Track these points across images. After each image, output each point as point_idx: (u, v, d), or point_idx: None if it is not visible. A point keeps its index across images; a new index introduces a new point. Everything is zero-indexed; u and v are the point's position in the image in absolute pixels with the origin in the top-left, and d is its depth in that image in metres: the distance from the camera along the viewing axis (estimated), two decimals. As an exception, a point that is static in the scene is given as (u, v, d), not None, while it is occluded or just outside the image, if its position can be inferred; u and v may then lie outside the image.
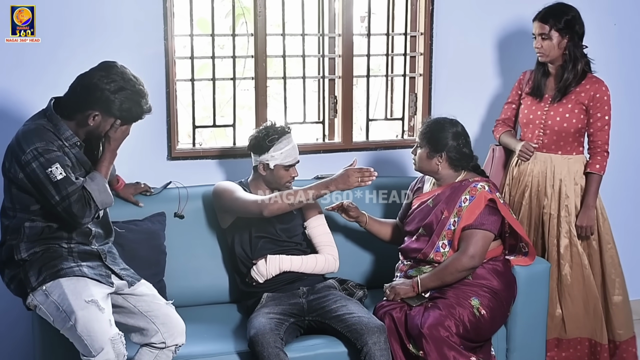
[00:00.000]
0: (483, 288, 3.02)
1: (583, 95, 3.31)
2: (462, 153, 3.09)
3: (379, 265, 3.48)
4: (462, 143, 3.09)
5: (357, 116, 3.93)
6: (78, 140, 2.63)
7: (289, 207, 2.99)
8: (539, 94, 3.39)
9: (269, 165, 3.13)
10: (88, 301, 2.51)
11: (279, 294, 3.10)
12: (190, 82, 3.53)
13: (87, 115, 2.58)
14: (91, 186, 2.55)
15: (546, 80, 3.39)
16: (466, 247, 3.00)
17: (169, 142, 3.45)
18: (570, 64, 3.30)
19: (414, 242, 3.15)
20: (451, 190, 3.09)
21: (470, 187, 3.06)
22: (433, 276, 3.04)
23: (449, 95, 3.84)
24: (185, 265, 3.26)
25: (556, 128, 3.34)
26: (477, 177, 3.12)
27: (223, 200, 3.12)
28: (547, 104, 3.36)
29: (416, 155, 3.15)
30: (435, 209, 3.10)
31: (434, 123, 3.13)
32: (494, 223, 3.04)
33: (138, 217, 3.18)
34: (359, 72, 3.81)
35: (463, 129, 3.12)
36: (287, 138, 3.15)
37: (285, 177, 3.16)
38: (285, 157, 3.13)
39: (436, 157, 3.09)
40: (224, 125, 3.67)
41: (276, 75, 3.72)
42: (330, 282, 3.18)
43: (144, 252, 3.09)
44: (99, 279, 2.61)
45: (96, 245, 2.74)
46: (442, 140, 3.08)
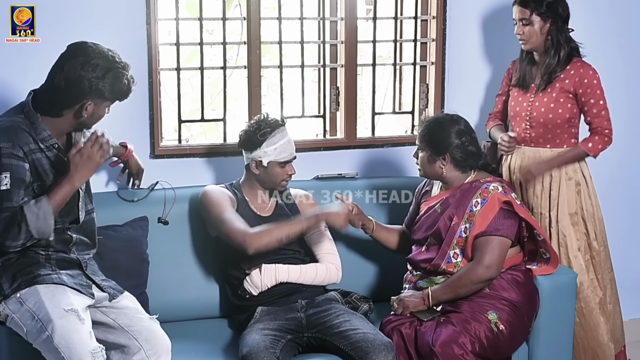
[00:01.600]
0: (501, 301, 3.02)
1: (567, 82, 3.33)
2: (468, 152, 3.08)
3: (385, 275, 3.48)
4: (467, 141, 3.08)
5: (362, 109, 3.93)
6: (56, 142, 2.65)
7: (276, 244, 3.02)
8: (525, 84, 3.42)
9: (262, 162, 3.13)
10: (67, 310, 2.52)
11: (274, 308, 3.09)
12: (175, 72, 3.52)
13: (80, 108, 2.62)
14: (31, 209, 2.54)
15: (532, 69, 3.42)
16: (481, 257, 3.00)
17: (151, 139, 3.45)
18: (553, 50, 3.32)
19: (423, 252, 3.15)
20: (460, 193, 3.09)
21: (481, 189, 3.05)
22: (446, 288, 3.03)
23: (464, 86, 3.83)
24: (170, 276, 3.26)
25: (542, 120, 3.36)
26: (488, 177, 3.11)
27: (209, 215, 3.13)
28: (532, 95, 3.39)
29: (418, 159, 3.14)
30: (443, 214, 3.10)
31: (432, 122, 3.13)
32: (511, 227, 3.03)
33: (117, 222, 3.18)
34: (363, 60, 3.80)
35: (467, 125, 3.12)
36: (281, 131, 3.15)
37: (281, 175, 3.16)
38: (280, 153, 3.12)
39: (439, 160, 3.09)
40: (214, 120, 3.67)
41: (271, 64, 3.71)
42: (332, 295, 3.18)
43: (124, 261, 3.09)
44: (79, 289, 2.62)
45: (76, 254, 2.75)
46: (444, 140, 3.07)
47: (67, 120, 2.65)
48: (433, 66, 3.84)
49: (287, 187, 3.21)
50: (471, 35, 3.82)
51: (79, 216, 2.74)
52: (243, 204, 3.19)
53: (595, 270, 3.43)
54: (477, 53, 3.83)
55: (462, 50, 3.82)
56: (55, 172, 2.65)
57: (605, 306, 3.44)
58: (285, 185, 3.19)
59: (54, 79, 2.61)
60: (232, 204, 3.15)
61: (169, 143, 3.55)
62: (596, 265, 3.44)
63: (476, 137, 3.13)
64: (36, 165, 2.60)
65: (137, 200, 3.27)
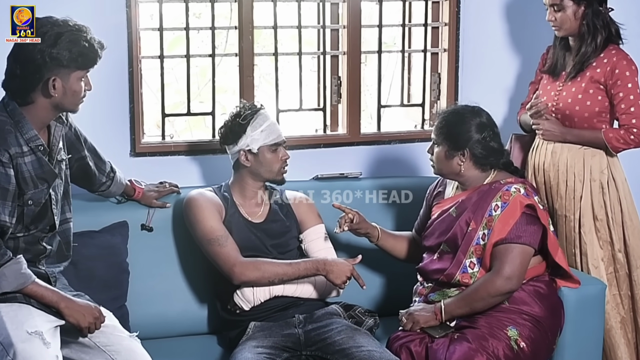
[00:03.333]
0: (522, 315, 3.01)
1: (599, 71, 3.34)
2: (490, 148, 3.08)
3: (393, 287, 3.49)
4: (489, 136, 3.08)
5: (366, 102, 3.93)
6: (42, 143, 2.67)
7: (267, 283, 3.05)
8: (556, 72, 3.43)
9: (252, 149, 3.14)
10: (31, 333, 2.52)
11: (269, 323, 3.09)
12: (158, 60, 3.52)
13: (45, 87, 2.62)
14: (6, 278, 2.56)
15: (566, 55, 3.43)
16: (500, 267, 2.99)
17: (132, 135, 3.45)
18: (589, 36, 3.33)
19: (436, 261, 3.14)
20: (478, 196, 3.08)
21: (501, 191, 3.05)
22: (460, 301, 3.03)
23: (481, 76, 3.84)
24: (153, 288, 3.26)
25: (568, 112, 3.38)
26: (510, 178, 3.11)
27: (194, 231, 3.13)
28: (561, 83, 3.41)
29: (433, 155, 3.13)
30: (459, 219, 3.09)
31: (451, 114, 3.13)
32: (534, 235, 3.03)
33: (94, 227, 3.18)
34: (368, 47, 3.81)
35: (489, 119, 3.12)
36: (263, 114, 3.18)
37: (275, 160, 3.17)
38: (268, 135, 3.15)
39: (457, 156, 3.08)
40: (202, 114, 3.67)
41: (265, 51, 3.71)
42: (333, 308, 3.18)
43: (101, 271, 3.09)
44: (44, 309, 2.62)
45: (45, 267, 2.76)
46: (463, 134, 3.07)
47: (41, 106, 2.66)
48: (445, 53, 3.84)
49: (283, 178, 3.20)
50: (489, 18, 3.83)
51: (54, 221, 2.74)
52: (232, 209, 3.19)
53: (619, 285, 3.42)
54: (496, 38, 3.85)
55: (478, 35, 3.82)
56: (36, 180, 2.66)
57: (627, 326, 3.43)
58: (284, 172, 3.19)
59: (9, 63, 2.64)
60: (220, 213, 3.15)
61: (151, 140, 3.55)
62: (620, 280, 3.43)
63: (499, 132, 3.13)
64: (17, 172, 2.62)
65: (116, 202, 3.26)
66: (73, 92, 2.67)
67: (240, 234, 3.15)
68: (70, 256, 2.88)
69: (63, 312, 2.63)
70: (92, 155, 3.01)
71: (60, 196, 2.77)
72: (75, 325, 2.63)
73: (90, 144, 3.01)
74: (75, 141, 2.91)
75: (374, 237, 3.28)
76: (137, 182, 3.27)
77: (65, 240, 2.84)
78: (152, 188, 3.30)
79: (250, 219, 3.21)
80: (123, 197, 3.26)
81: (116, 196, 3.24)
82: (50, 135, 2.74)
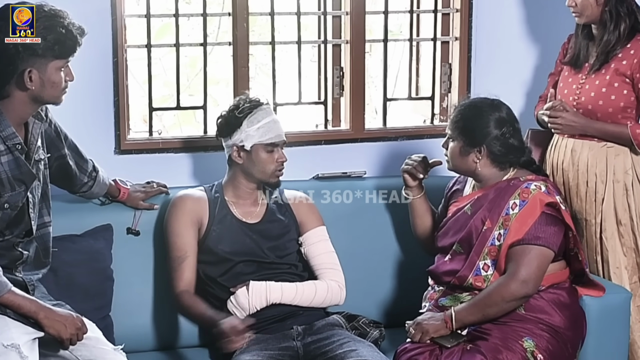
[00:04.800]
0: (540, 325, 3.01)
1: (625, 63, 3.33)
2: (509, 145, 3.09)
3: (400, 296, 3.50)
4: (509, 132, 3.08)
5: (371, 95, 3.92)
6: (19, 141, 2.66)
7: (198, 323, 3.10)
8: (578, 63, 3.43)
9: (245, 146, 3.14)
10: (7, 345, 2.52)
11: (265, 335, 3.09)
12: (146, 49, 3.52)
13: (22, 80, 2.62)
14: None
15: (589, 44, 3.43)
16: (516, 269, 3.00)
17: (117, 130, 3.45)
18: (612, 24, 3.33)
19: (448, 262, 3.15)
20: (495, 193, 3.09)
21: (520, 188, 3.06)
22: (472, 307, 3.04)
23: (495, 66, 3.85)
24: (139, 297, 3.26)
25: (590, 107, 3.37)
26: (530, 175, 3.12)
27: (165, 239, 3.17)
28: (584, 76, 3.40)
29: (448, 150, 3.14)
30: (474, 217, 3.11)
31: (468, 107, 3.14)
32: (554, 236, 3.03)
33: (76, 231, 3.18)
34: (373, 36, 3.82)
35: (509, 113, 3.12)
36: (264, 109, 3.17)
37: (269, 162, 3.16)
38: (264, 133, 3.14)
39: (473, 153, 3.09)
40: (192, 107, 3.68)
41: (262, 40, 3.71)
42: (335, 319, 3.18)
43: (83, 278, 3.09)
44: (22, 320, 2.62)
45: (22, 274, 2.76)
46: (481, 129, 3.08)
47: (19, 100, 2.65)
48: (457, 42, 3.85)
49: (278, 182, 3.19)
50: (504, 3, 3.84)
51: (31, 226, 2.74)
52: (224, 210, 3.19)
53: None
54: (512, 26, 3.85)
55: (492, 22, 3.82)
56: (13, 182, 2.66)
57: None
58: (277, 177, 3.18)
59: None
60: (198, 224, 3.17)
61: (137, 136, 3.56)
62: None
63: (520, 128, 3.14)
64: None
65: (99, 204, 3.26)
66: (52, 83, 2.66)
67: (233, 237, 3.16)
68: (50, 263, 2.87)
69: (42, 323, 2.62)
70: (72, 153, 3.00)
71: (38, 199, 2.77)
72: (56, 336, 2.63)
73: (71, 141, 3.00)
74: (55, 138, 2.90)
75: (419, 190, 3.30)
76: (122, 182, 3.26)
77: (44, 246, 2.83)
78: (139, 188, 3.30)
79: (245, 219, 3.21)
80: (107, 199, 3.26)
81: (99, 197, 3.23)
82: (28, 133, 2.74)
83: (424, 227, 3.35)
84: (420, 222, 3.35)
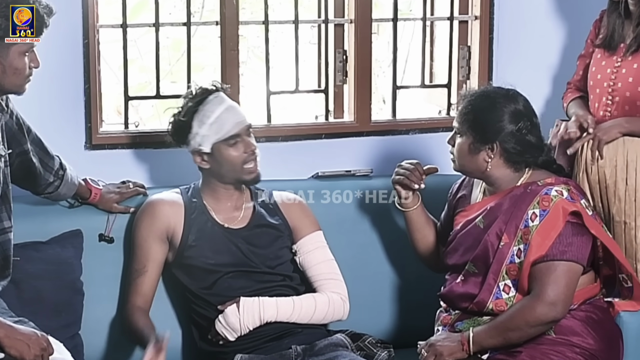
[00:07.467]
0: (573, 348, 3.01)
1: None
2: (526, 143, 3.08)
3: (411, 311, 3.50)
4: (526, 127, 3.07)
5: (378, 82, 3.92)
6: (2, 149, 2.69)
7: None
8: (612, 45, 3.42)
9: (203, 149, 3.15)
10: None
11: (259, 356, 3.10)
12: (120, 30, 3.53)
13: None
14: None
15: (624, 23, 3.42)
16: (542, 290, 2.98)
17: (87, 122, 3.46)
18: None
19: (461, 284, 3.14)
20: (511, 201, 3.08)
21: (540, 195, 3.04)
22: (492, 330, 3.03)
23: (519, 49, 3.86)
24: (113, 313, 3.27)
25: (628, 94, 3.36)
26: (549, 178, 3.10)
27: (131, 245, 3.20)
28: (620, 58, 3.40)
29: (454, 146, 3.14)
30: (488, 231, 3.09)
31: (479, 97, 3.12)
32: (582, 248, 3.02)
33: (41, 238, 3.18)
34: (380, 14, 3.83)
35: (527, 106, 3.11)
36: (213, 100, 3.16)
37: (236, 157, 3.15)
38: (219, 128, 3.13)
39: (484, 151, 3.08)
40: (173, 96, 3.66)
41: (254, 19, 3.71)
42: (338, 338, 3.18)
43: (49, 291, 3.10)
44: None
45: (-22, 285, 2.77)
46: (494, 124, 3.06)
47: None
48: (477, 22, 3.86)
49: (256, 171, 3.18)
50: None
51: None
52: (203, 217, 3.20)
53: None
54: (539, 2, 3.85)
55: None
56: None
57: None
58: (252, 170, 3.16)
59: None
60: (167, 233, 3.18)
61: (111, 128, 3.57)
62: None
63: (538, 123, 3.12)
64: None
65: (68, 207, 3.27)
66: (14, 69, 2.67)
67: (215, 246, 3.17)
68: (10, 274, 2.88)
69: (2, 343, 2.62)
70: (37, 148, 3.01)
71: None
72: (18, 358, 2.63)
73: (35, 134, 3.01)
74: (17, 132, 2.90)
75: (415, 201, 3.27)
76: (93, 182, 3.26)
77: (4, 254, 2.84)
78: (113, 189, 3.30)
79: (227, 225, 3.21)
80: (76, 200, 3.26)
81: (67, 199, 3.24)
82: None
83: (425, 242, 3.34)
84: (421, 237, 3.33)
